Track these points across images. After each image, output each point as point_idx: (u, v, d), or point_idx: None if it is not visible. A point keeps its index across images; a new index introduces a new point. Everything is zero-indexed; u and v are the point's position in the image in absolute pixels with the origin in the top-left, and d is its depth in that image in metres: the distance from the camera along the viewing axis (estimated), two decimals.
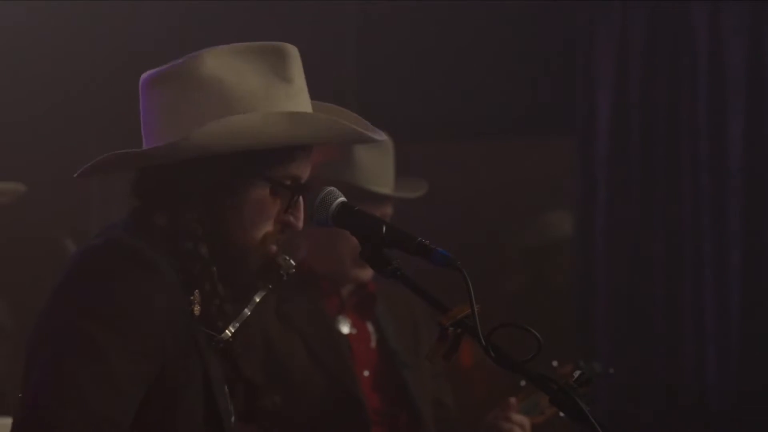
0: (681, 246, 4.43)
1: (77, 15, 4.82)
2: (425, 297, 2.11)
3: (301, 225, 2.23)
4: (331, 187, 2.21)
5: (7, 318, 4.29)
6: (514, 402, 3.28)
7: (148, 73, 2.20)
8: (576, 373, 2.10)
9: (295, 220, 2.21)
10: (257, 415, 2.28)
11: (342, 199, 2.20)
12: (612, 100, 4.54)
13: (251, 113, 2.13)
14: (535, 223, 5.18)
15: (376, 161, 3.41)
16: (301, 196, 2.21)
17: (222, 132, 2.09)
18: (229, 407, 2.21)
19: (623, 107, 4.52)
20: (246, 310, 2.22)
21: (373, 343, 3.47)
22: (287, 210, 2.20)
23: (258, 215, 2.18)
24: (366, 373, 3.41)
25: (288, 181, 2.18)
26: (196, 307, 2.15)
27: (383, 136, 2.31)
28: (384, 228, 2.14)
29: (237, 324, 2.20)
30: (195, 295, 2.15)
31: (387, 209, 3.44)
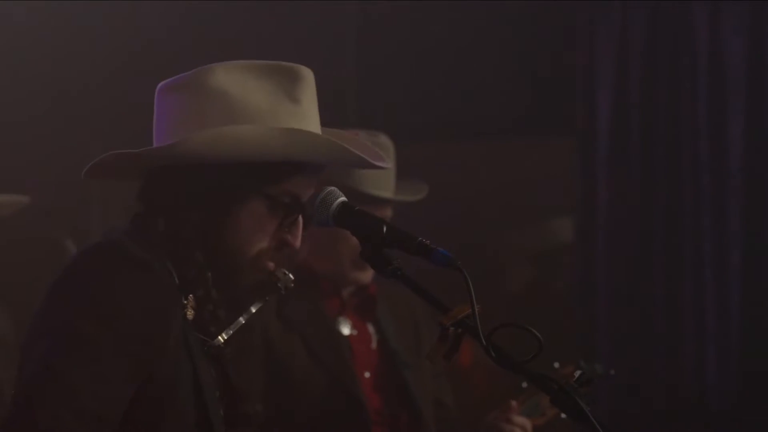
0: (681, 246, 4.43)
1: (77, 15, 4.82)
2: (426, 297, 2.11)
3: (299, 244, 2.24)
4: (332, 187, 2.21)
5: (7, 319, 4.28)
6: (514, 405, 3.28)
7: (163, 81, 2.23)
8: (577, 374, 2.10)
9: (293, 238, 2.22)
10: (239, 422, 2.29)
11: (342, 199, 2.20)
12: (612, 100, 4.53)
13: (248, 125, 2.15)
14: (536, 224, 5.17)
15: None
16: (301, 216, 2.22)
17: (215, 140, 2.11)
18: (219, 412, 2.22)
19: (623, 107, 4.52)
20: (241, 318, 2.24)
21: (374, 344, 3.46)
22: (285, 228, 2.21)
23: (254, 229, 2.19)
24: (367, 374, 3.40)
25: (286, 199, 2.19)
26: (189, 311, 2.17)
27: (388, 164, 2.31)
28: (384, 228, 2.14)
29: (230, 331, 2.22)
30: (189, 299, 2.17)
31: (387, 212, 3.44)
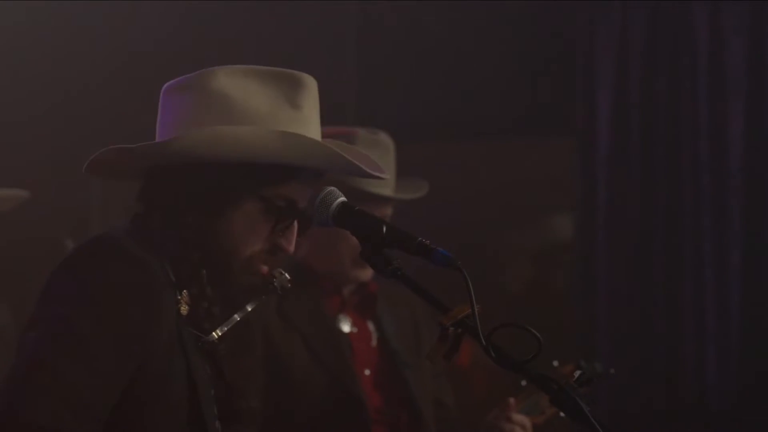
0: (681, 246, 4.43)
1: (77, 15, 4.82)
2: (425, 297, 2.11)
3: (293, 249, 2.24)
4: (332, 187, 2.21)
5: (8, 318, 4.29)
6: (513, 402, 3.28)
7: (168, 83, 2.25)
8: (576, 373, 2.11)
9: (287, 243, 2.23)
10: (234, 418, 2.29)
11: (342, 199, 2.20)
12: (612, 100, 4.54)
13: (245, 126, 2.15)
14: (536, 224, 5.17)
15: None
16: (296, 220, 2.22)
17: (210, 139, 2.12)
18: (213, 408, 2.23)
19: (623, 107, 4.52)
20: (236, 315, 2.25)
21: (374, 342, 3.46)
22: (278, 231, 2.21)
23: (247, 231, 2.20)
24: (367, 372, 3.40)
25: (281, 202, 2.20)
26: (183, 307, 2.18)
27: (386, 175, 2.31)
28: (384, 228, 2.14)
29: (225, 328, 2.23)
30: (183, 295, 2.18)
31: (387, 210, 3.44)
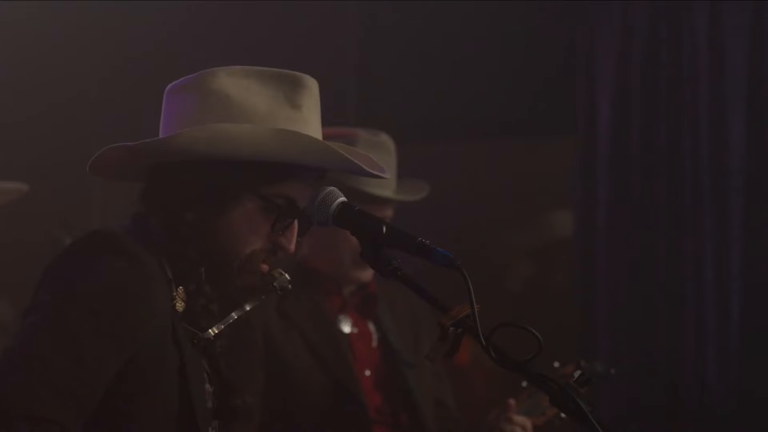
0: (681, 246, 4.43)
1: (77, 15, 4.82)
2: (425, 297, 2.11)
3: (293, 249, 2.25)
4: (332, 187, 2.21)
5: (10, 314, 4.29)
6: (513, 403, 3.28)
7: (171, 83, 2.26)
8: (576, 373, 2.10)
9: (287, 242, 2.23)
10: (229, 415, 2.29)
11: (342, 199, 2.20)
12: (612, 100, 4.53)
13: (240, 124, 2.16)
14: (536, 224, 5.17)
15: None
16: (296, 220, 2.23)
17: (207, 136, 2.13)
18: (208, 404, 2.23)
19: (623, 107, 4.52)
20: (233, 314, 2.25)
21: (375, 343, 3.46)
22: (278, 230, 2.21)
23: (246, 229, 2.20)
24: (367, 373, 3.40)
25: (280, 201, 2.20)
26: (179, 303, 2.19)
27: (387, 174, 2.31)
28: (384, 228, 2.14)
29: (222, 325, 2.23)
30: (179, 291, 2.19)
31: (388, 212, 3.44)
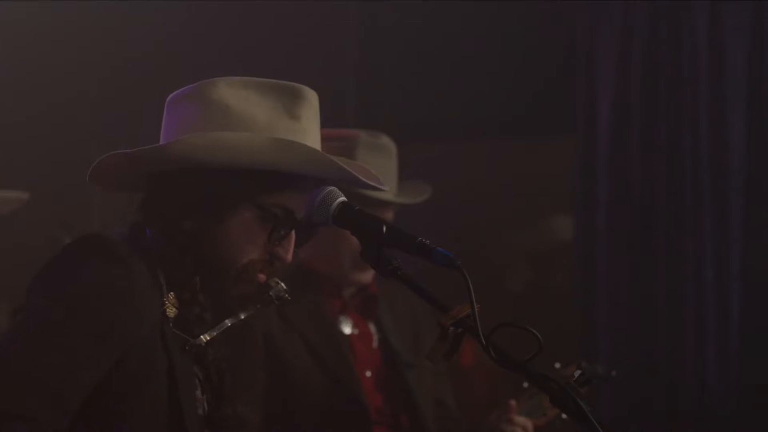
0: (681, 246, 4.43)
1: (77, 15, 4.82)
2: (425, 297, 2.10)
3: (290, 259, 2.24)
4: (332, 187, 2.20)
5: (4, 315, 4.29)
6: (513, 404, 3.28)
7: (172, 94, 2.27)
8: (576, 374, 2.10)
9: (284, 252, 2.23)
10: (219, 423, 2.29)
11: (342, 199, 2.19)
12: (612, 100, 4.53)
13: (238, 132, 2.17)
14: (536, 224, 5.17)
15: (378, 166, 3.40)
16: (293, 230, 2.22)
17: (204, 144, 2.13)
18: (199, 411, 2.23)
19: (623, 107, 4.52)
20: (227, 321, 2.24)
21: (375, 344, 3.46)
22: (275, 240, 2.21)
23: (243, 238, 2.20)
24: (368, 374, 3.40)
25: (277, 210, 2.20)
26: (170, 309, 2.18)
27: (385, 186, 2.31)
28: (384, 228, 2.13)
29: (214, 332, 2.23)
30: (170, 297, 2.19)
31: (388, 214, 3.44)
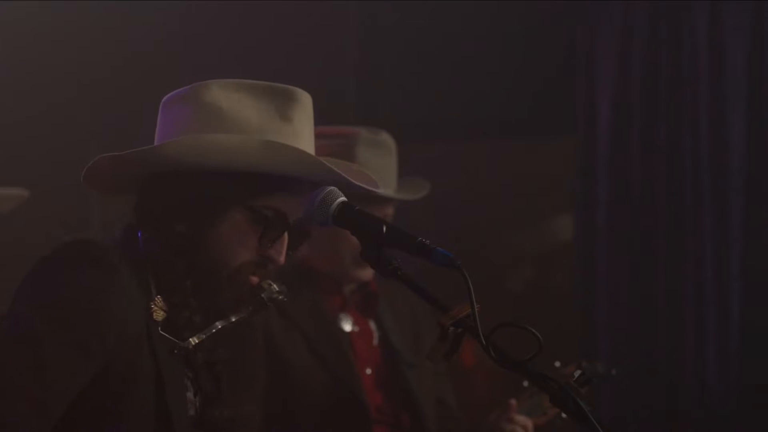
0: (681, 246, 4.43)
1: (77, 15, 4.82)
2: (425, 297, 2.10)
3: (282, 261, 2.24)
4: (332, 187, 2.20)
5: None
6: (514, 403, 3.28)
7: (166, 96, 2.27)
8: (576, 373, 2.10)
9: (276, 254, 2.23)
10: (208, 426, 2.28)
11: (342, 199, 2.19)
12: (612, 100, 4.54)
13: (229, 134, 2.17)
14: (536, 225, 5.17)
15: (378, 163, 3.40)
16: (285, 232, 2.22)
17: (194, 146, 2.13)
18: (190, 412, 2.23)
19: (623, 107, 4.52)
20: (217, 323, 2.23)
21: (376, 341, 3.46)
22: (266, 242, 2.21)
23: (235, 241, 2.20)
24: (368, 371, 3.40)
25: (269, 212, 2.20)
26: (158, 313, 2.18)
27: (379, 189, 2.31)
28: (384, 228, 2.13)
29: (203, 335, 2.22)
30: (157, 300, 2.18)
31: (388, 210, 3.44)
